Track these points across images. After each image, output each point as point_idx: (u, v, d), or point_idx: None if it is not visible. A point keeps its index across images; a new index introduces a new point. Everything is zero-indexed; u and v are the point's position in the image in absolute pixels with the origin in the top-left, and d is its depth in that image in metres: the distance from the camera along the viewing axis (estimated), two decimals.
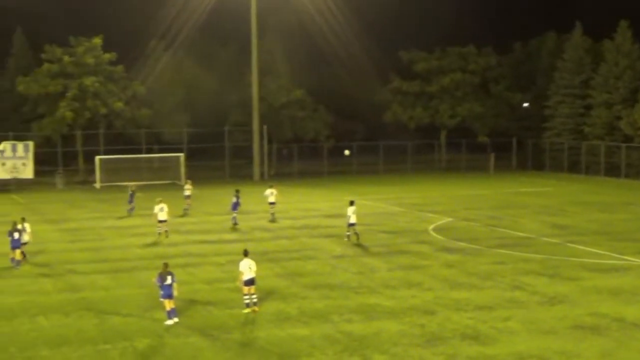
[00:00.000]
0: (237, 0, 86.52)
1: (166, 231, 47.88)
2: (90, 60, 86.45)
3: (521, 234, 47.91)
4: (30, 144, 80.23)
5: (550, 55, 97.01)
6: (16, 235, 39.25)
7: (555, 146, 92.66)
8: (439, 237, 46.85)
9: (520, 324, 28.63)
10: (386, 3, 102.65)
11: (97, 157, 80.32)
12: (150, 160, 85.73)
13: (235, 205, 52.09)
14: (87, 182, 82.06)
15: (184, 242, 46.18)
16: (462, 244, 44.29)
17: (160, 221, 47.51)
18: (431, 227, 50.53)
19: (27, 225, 41.51)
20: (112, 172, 79.49)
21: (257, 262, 38.18)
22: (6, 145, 79.15)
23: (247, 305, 30.36)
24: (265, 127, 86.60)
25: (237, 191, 53.34)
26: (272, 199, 54.06)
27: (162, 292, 28.92)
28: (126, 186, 62.24)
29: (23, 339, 27.25)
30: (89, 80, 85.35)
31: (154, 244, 45.44)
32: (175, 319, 28.85)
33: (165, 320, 28.81)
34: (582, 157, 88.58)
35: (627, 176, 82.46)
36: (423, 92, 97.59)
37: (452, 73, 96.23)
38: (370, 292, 33.62)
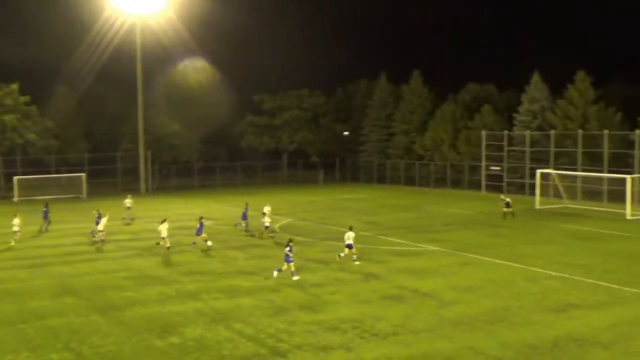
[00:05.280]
0: (127, 52, 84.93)
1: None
2: (9, 101, 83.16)
3: (344, 229, 48.34)
4: None
5: (363, 97, 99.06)
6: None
7: (367, 164, 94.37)
8: (283, 233, 47.02)
9: (344, 296, 29.08)
10: (240, 57, 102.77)
11: (15, 178, 77.27)
12: (58, 179, 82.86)
13: (245, 216, 49.39)
14: (7, 197, 78.69)
15: (87, 242, 44.82)
16: (300, 238, 44.57)
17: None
18: (277, 225, 50.69)
19: None
20: (30, 188, 76.50)
21: (145, 257, 37.69)
22: None
23: (340, 256, 36.00)
24: (149, 152, 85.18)
25: (247, 204, 50.93)
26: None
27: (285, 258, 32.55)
28: (41, 201, 60.41)
29: None
30: (7, 117, 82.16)
31: (62, 244, 43.89)
32: (296, 277, 32.23)
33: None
34: (387, 171, 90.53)
35: (420, 185, 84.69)
36: (269, 124, 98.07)
37: (291, 110, 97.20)
38: (232, 276, 33.54)
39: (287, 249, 32.78)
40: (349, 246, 36.26)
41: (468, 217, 55.85)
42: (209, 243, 41.53)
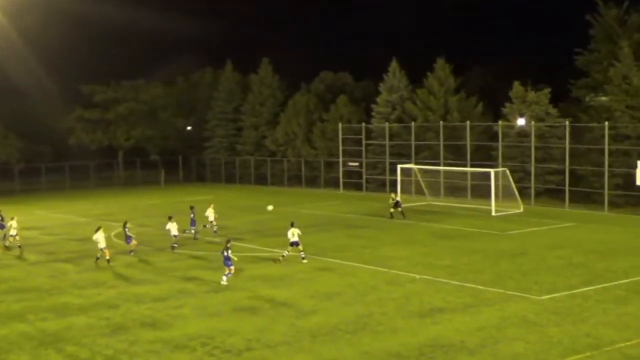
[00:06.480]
0: None
1: None
2: None
3: (189, 236, 47.98)
4: None
5: (208, 87, 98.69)
6: None
7: (214, 161, 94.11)
8: (119, 241, 45.94)
9: (191, 310, 28.82)
10: (65, 43, 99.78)
11: None
12: None
13: (193, 222, 47.45)
14: None
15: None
16: (140, 247, 43.70)
17: None
18: (113, 233, 49.40)
19: None
20: None
21: None
22: None
23: (283, 257, 37.79)
24: None
25: (192, 207, 48.66)
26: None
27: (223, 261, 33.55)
28: None
29: None
30: None
31: None
32: (224, 283, 32.96)
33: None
34: (236, 169, 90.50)
35: (272, 184, 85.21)
36: (102, 118, 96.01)
37: (126, 102, 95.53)
38: (61, 292, 32.56)
39: (225, 253, 33.33)
40: (294, 244, 37.46)
41: (325, 217, 56.61)
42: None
